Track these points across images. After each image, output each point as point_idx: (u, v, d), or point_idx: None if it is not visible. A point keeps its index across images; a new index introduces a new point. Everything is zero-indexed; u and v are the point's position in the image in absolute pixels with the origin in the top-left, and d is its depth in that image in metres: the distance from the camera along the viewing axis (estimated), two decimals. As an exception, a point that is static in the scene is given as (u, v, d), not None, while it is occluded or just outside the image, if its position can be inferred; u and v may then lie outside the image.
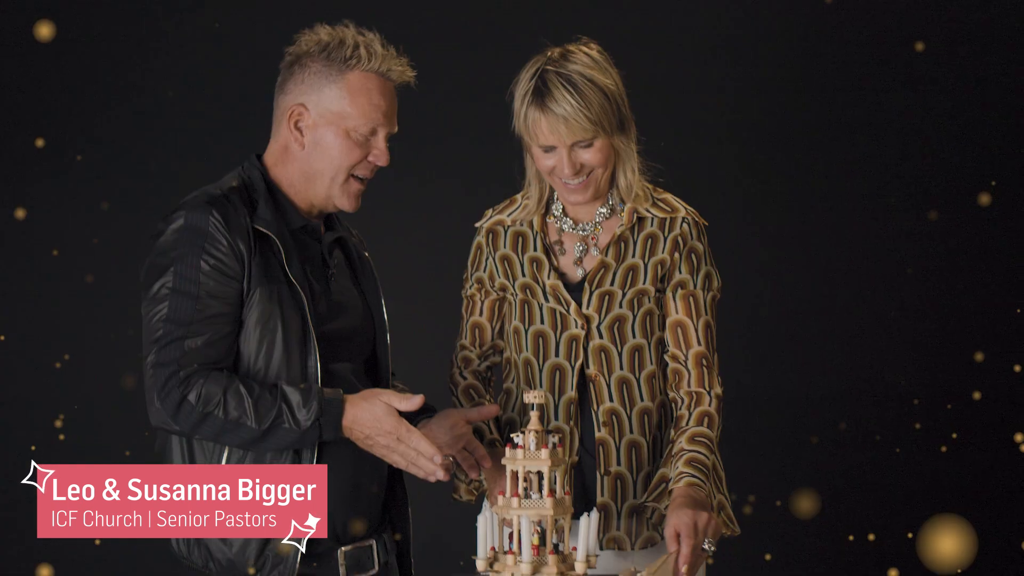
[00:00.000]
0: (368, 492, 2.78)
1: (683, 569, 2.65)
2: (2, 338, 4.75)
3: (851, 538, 4.74)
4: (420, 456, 2.63)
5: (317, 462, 2.65)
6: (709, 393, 2.91)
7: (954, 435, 4.72)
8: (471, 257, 3.06)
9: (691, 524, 2.66)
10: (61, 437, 4.70)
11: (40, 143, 4.68)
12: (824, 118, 4.78)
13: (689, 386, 2.92)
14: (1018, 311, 4.72)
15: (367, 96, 2.73)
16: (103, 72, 4.76)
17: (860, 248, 4.78)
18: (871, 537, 4.73)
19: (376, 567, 2.80)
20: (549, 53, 2.88)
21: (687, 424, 2.88)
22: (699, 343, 2.92)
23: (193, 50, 4.77)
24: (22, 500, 4.48)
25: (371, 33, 2.77)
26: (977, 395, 4.68)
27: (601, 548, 2.90)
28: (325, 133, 2.73)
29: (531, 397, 2.54)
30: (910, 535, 4.61)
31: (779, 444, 4.64)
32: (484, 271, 3.03)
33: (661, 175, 3.00)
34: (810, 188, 4.78)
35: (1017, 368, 4.68)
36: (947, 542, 3.39)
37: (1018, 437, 4.66)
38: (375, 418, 2.63)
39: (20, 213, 4.64)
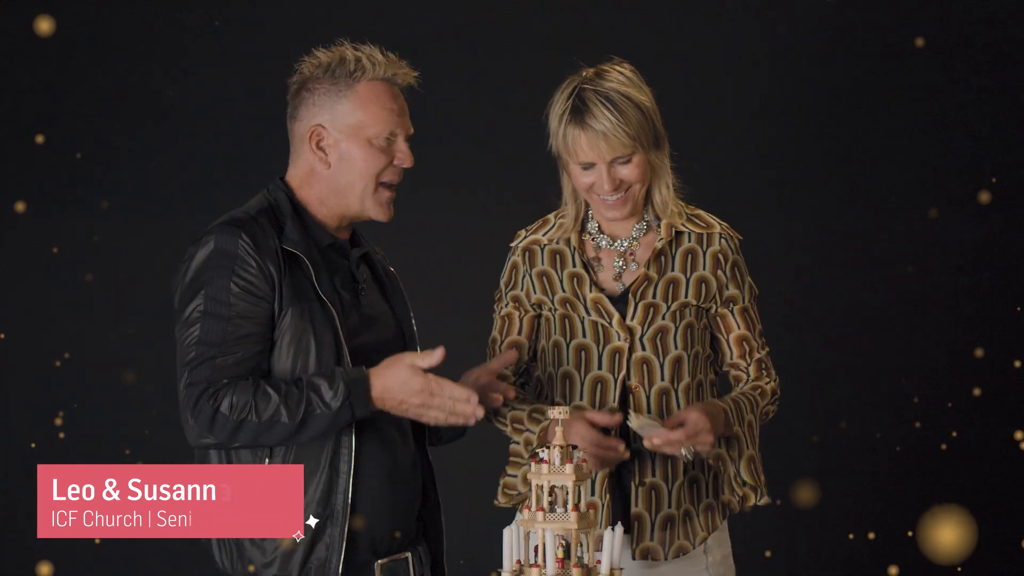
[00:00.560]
0: (404, 504, 2.82)
1: (655, 440, 2.80)
2: (2, 336, 4.75)
3: (851, 536, 4.74)
4: (456, 402, 2.68)
5: (355, 468, 2.70)
6: (768, 377, 3.06)
7: (954, 433, 4.72)
8: (505, 277, 3.08)
9: (698, 427, 2.80)
10: (61, 436, 4.70)
11: (40, 139, 4.68)
12: (823, 117, 4.78)
13: (749, 376, 3.06)
14: (1018, 309, 4.72)
15: (379, 103, 2.78)
16: (103, 70, 4.75)
17: (860, 246, 4.78)
18: (871, 535, 4.73)
19: None
20: (583, 73, 2.93)
21: (741, 387, 3.05)
22: (759, 350, 3.05)
23: (193, 48, 4.76)
24: (22, 500, 4.49)
25: (367, 46, 2.82)
26: (977, 391, 4.68)
27: (633, 558, 2.94)
28: (348, 147, 2.78)
29: (556, 413, 2.58)
30: (910, 533, 4.61)
31: (779, 443, 4.63)
32: (520, 289, 3.05)
33: (683, 187, 3.06)
34: (809, 187, 4.78)
35: (1017, 364, 4.69)
36: (947, 533, 3.41)
37: (1018, 435, 4.66)
38: (402, 381, 2.67)
39: (20, 206, 4.65)
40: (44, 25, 4.42)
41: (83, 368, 4.72)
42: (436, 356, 2.68)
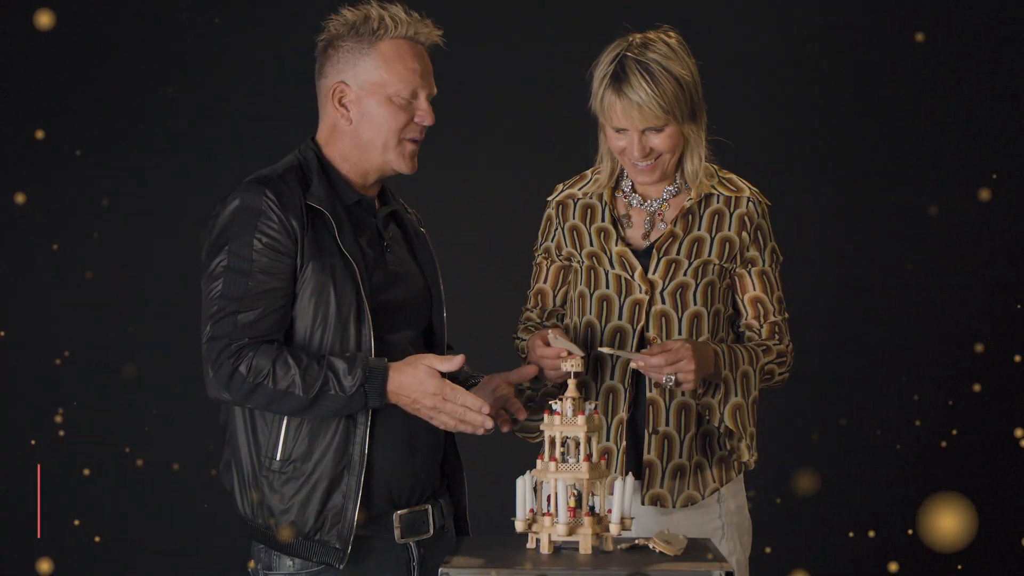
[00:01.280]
0: (422, 458, 2.86)
1: (638, 362, 2.85)
2: (2, 334, 4.75)
3: (851, 535, 4.75)
4: (467, 411, 2.72)
5: (371, 430, 2.74)
6: (780, 340, 3.12)
7: (954, 431, 4.72)
8: (541, 228, 3.20)
9: (679, 355, 2.85)
10: (61, 434, 4.70)
11: (40, 135, 4.68)
12: (823, 113, 4.78)
13: (760, 337, 3.12)
14: (1019, 306, 4.72)
15: (401, 61, 2.83)
16: (103, 68, 4.76)
17: (860, 243, 4.78)
18: (871, 533, 4.74)
19: (431, 531, 2.87)
20: (630, 39, 3.01)
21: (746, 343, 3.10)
22: (775, 314, 3.12)
23: (193, 46, 4.76)
24: (22, 500, 4.50)
25: (393, 6, 2.87)
26: (977, 387, 4.68)
27: (643, 504, 3.00)
28: (369, 103, 2.83)
29: (569, 365, 2.64)
30: (910, 532, 4.61)
31: (779, 441, 4.64)
32: (552, 241, 3.17)
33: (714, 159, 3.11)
34: (809, 184, 4.78)
35: (1017, 359, 4.69)
36: (946, 520, 3.41)
37: (1019, 432, 4.67)
38: (418, 381, 2.71)
39: (20, 198, 4.65)
40: (44, 19, 4.42)
41: (83, 366, 4.72)
42: (456, 362, 2.72)
